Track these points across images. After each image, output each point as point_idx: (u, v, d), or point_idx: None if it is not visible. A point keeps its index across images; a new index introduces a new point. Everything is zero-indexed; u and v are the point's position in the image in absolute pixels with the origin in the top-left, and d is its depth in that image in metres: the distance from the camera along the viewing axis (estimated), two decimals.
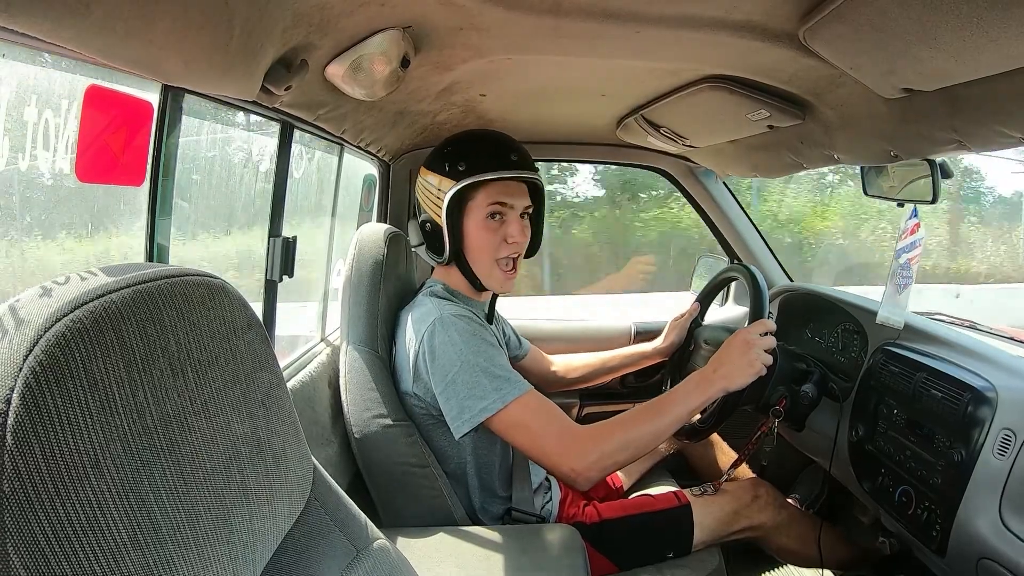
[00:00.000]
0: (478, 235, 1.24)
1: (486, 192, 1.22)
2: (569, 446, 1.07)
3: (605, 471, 1.07)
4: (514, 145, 1.26)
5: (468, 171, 1.21)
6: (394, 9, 0.85)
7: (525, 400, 1.11)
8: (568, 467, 1.07)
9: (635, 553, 1.28)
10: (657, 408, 1.12)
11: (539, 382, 1.67)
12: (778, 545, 1.43)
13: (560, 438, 1.08)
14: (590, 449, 1.07)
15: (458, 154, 1.23)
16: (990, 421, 1.01)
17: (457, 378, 1.11)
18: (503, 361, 1.14)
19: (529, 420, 1.10)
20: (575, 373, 1.71)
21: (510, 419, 1.10)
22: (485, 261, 1.26)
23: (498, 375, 1.11)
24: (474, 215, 1.23)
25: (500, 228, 1.25)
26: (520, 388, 1.11)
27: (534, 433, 1.09)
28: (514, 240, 1.25)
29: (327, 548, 0.62)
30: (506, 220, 1.25)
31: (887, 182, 1.42)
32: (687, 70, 1.17)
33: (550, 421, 1.10)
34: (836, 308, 1.54)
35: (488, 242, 1.24)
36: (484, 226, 1.24)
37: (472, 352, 1.12)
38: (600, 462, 1.06)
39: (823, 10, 0.76)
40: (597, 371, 1.70)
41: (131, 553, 0.39)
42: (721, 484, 1.39)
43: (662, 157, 1.96)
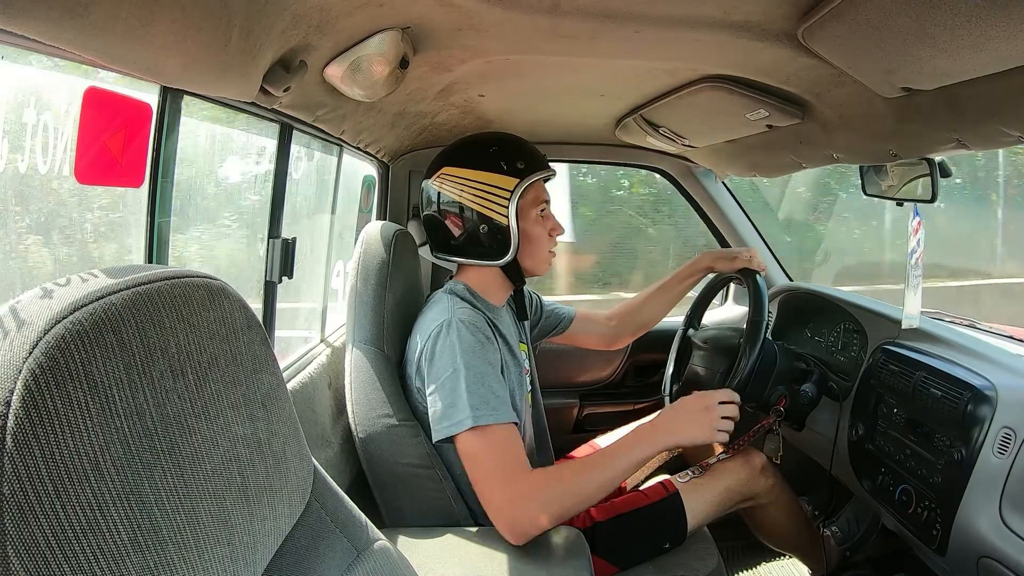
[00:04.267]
0: (535, 230, 1.29)
1: (535, 190, 1.29)
2: (521, 490, 1.06)
3: (549, 524, 1.07)
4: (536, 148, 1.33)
5: (528, 169, 1.25)
6: (393, 10, 0.85)
7: (494, 431, 1.09)
8: (510, 513, 1.06)
9: (632, 550, 1.28)
10: (604, 460, 1.13)
11: (600, 342, 1.66)
12: (770, 521, 1.43)
13: (513, 481, 1.07)
14: (539, 496, 1.06)
15: (510, 153, 1.26)
16: (990, 420, 1.01)
17: (445, 384, 1.12)
18: (493, 384, 1.13)
19: (487, 451, 1.08)
20: (640, 314, 1.64)
21: (470, 444, 1.09)
22: (539, 253, 1.31)
23: (479, 395, 1.10)
24: (530, 212, 1.28)
25: (546, 222, 1.32)
26: (495, 418, 1.09)
27: (484, 466, 1.08)
28: (557, 232, 1.34)
29: (327, 549, 0.62)
30: (547, 214, 1.32)
31: (886, 181, 1.42)
32: (686, 70, 1.17)
33: (505, 460, 1.09)
34: (836, 307, 1.55)
35: (542, 235, 1.31)
36: (538, 221, 1.30)
37: (465, 363, 1.12)
38: (546, 511, 1.06)
39: (822, 9, 0.76)
40: (659, 302, 1.63)
41: (131, 555, 0.39)
42: (708, 464, 1.37)
43: (661, 157, 1.96)
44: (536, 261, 1.32)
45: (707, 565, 1.29)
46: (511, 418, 1.11)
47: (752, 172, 1.74)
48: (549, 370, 1.85)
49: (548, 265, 1.35)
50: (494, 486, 1.08)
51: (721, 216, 2.02)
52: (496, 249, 1.27)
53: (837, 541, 1.56)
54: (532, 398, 1.40)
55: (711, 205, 2.02)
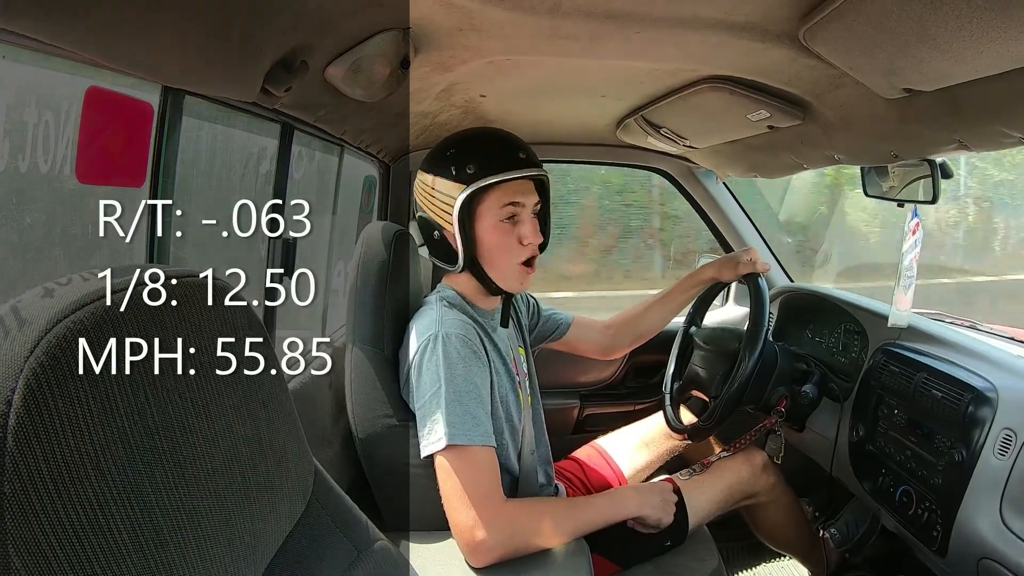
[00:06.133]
0: (492, 239, 1.19)
1: (497, 194, 1.18)
2: (487, 516, 1.06)
3: (506, 554, 1.07)
4: (519, 142, 1.22)
5: (478, 174, 1.16)
6: (394, 10, 0.85)
7: (470, 452, 1.08)
8: (472, 534, 1.06)
9: (632, 548, 1.27)
10: (575, 512, 1.15)
11: (596, 351, 1.59)
12: (771, 520, 1.43)
13: (481, 504, 1.06)
14: (503, 525, 1.06)
15: (464, 156, 1.18)
16: (991, 421, 1.01)
17: (430, 401, 1.11)
18: (471, 404, 1.11)
19: (459, 471, 1.08)
20: (638, 324, 1.58)
21: (444, 462, 1.09)
22: (502, 265, 1.22)
23: (456, 414, 1.09)
24: (486, 219, 1.19)
25: (514, 229, 1.21)
26: (469, 439, 1.08)
27: (455, 485, 1.08)
28: (529, 241, 1.21)
29: (328, 549, 0.62)
30: (519, 220, 1.21)
31: (887, 182, 1.42)
32: (687, 71, 1.17)
33: (480, 484, 1.08)
34: (836, 308, 1.54)
35: (504, 245, 1.20)
36: (498, 229, 1.19)
37: (447, 381, 1.10)
38: (508, 541, 1.06)
39: (823, 10, 0.76)
40: (659, 313, 1.57)
41: (132, 555, 0.39)
42: (710, 462, 1.37)
43: (662, 158, 1.96)
44: (503, 272, 1.22)
45: (707, 565, 1.29)
46: (487, 442, 1.10)
47: (753, 173, 1.74)
48: (549, 371, 1.84)
49: (519, 281, 1.24)
50: (460, 506, 1.07)
51: (722, 217, 2.02)
52: (448, 256, 1.22)
53: (836, 543, 1.55)
54: (530, 400, 1.39)
55: (712, 206, 2.02)
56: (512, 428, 1.22)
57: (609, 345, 1.58)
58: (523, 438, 1.26)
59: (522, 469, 1.29)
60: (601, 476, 1.47)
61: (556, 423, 1.84)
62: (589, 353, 1.62)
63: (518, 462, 1.29)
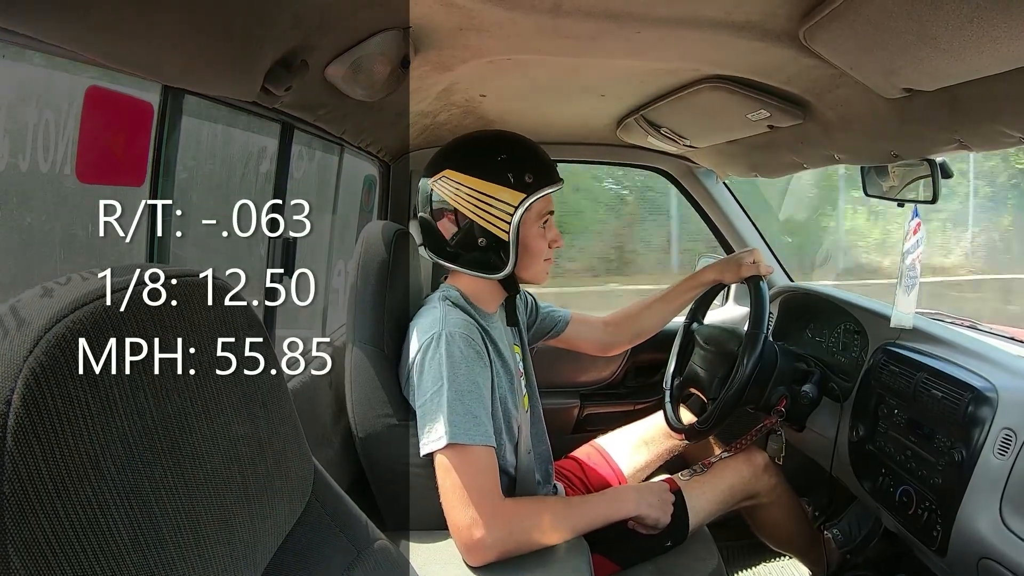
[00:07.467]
0: (535, 245, 1.25)
1: (542, 202, 1.23)
2: (485, 514, 1.06)
3: (504, 553, 1.07)
4: (546, 153, 1.28)
5: (536, 183, 1.19)
6: (394, 10, 0.85)
7: (470, 451, 1.09)
8: (469, 532, 1.06)
9: (633, 549, 1.28)
10: (578, 506, 1.16)
11: (595, 348, 1.60)
12: (772, 520, 1.43)
13: (480, 502, 1.07)
14: (502, 524, 1.06)
15: (519, 163, 1.20)
16: (990, 421, 1.01)
17: (432, 400, 1.11)
18: (473, 404, 1.12)
19: (458, 470, 1.08)
20: (637, 323, 1.59)
21: (444, 461, 1.09)
22: (536, 265, 1.28)
23: (458, 414, 1.10)
24: (531, 225, 1.23)
25: (547, 233, 1.28)
26: (470, 438, 1.09)
27: (454, 484, 1.08)
28: (557, 244, 1.30)
29: (328, 549, 0.62)
30: (548, 224, 1.28)
31: (888, 182, 1.42)
32: (687, 70, 1.17)
33: (479, 482, 1.09)
34: (836, 308, 1.54)
35: (540, 249, 1.27)
36: (539, 234, 1.26)
37: (450, 380, 1.11)
38: (506, 539, 1.07)
39: (823, 10, 0.76)
40: (659, 312, 1.58)
41: (132, 554, 0.39)
42: (711, 463, 1.37)
43: (662, 157, 1.96)
44: (534, 272, 1.29)
45: (707, 565, 1.29)
46: (487, 442, 1.11)
47: (753, 172, 1.74)
48: (549, 370, 1.85)
49: (547, 275, 1.32)
50: (459, 505, 1.07)
51: (722, 216, 2.02)
52: (493, 263, 1.23)
53: (838, 544, 1.55)
54: (529, 400, 1.39)
55: (712, 206, 2.02)
56: (510, 428, 1.23)
57: (608, 342, 1.60)
58: (520, 437, 1.26)
59: (519, 469, 1.29)
60: (601, 476, 1.47)
61: (556, 422, 1.84)
62: (588, 350, 1.63)
63: (516, 462, 1.29)
